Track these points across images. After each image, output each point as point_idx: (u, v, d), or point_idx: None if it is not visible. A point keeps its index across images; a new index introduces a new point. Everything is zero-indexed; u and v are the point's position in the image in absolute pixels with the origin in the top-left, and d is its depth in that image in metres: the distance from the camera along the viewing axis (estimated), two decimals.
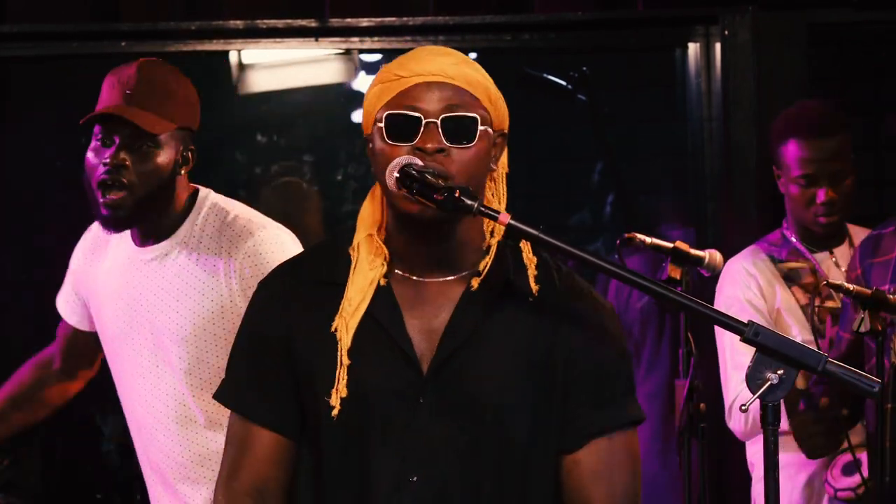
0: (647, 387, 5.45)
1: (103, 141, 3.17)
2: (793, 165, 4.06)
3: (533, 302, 2.45)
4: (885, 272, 3.47)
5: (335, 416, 2.38)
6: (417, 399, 2.39)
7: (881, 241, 3.56)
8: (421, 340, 2.42)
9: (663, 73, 5.65)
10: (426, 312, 2.43)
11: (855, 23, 4.93)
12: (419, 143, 2.36)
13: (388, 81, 2.41)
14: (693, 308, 2.29)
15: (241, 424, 2.49)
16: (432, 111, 2.37)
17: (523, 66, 5.88)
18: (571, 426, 2.44)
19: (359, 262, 2.44)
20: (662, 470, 5.37)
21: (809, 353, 2.22)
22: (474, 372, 2.40)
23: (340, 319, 2.41)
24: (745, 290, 4.08)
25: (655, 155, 6.35)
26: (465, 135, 2.38)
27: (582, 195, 6.58)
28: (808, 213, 4.07)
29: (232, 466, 2.48)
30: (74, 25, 4.96)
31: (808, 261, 4.11)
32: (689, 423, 3.24)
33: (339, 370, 2.39)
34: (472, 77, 2.42)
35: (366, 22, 4.90)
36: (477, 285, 2.43)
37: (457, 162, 2.36)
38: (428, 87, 2.38)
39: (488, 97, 2.43)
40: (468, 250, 2.45)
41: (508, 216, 2.31)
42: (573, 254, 2.32)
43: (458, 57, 2.44)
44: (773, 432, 2.23)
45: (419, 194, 2.33)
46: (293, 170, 6.36)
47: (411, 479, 2.38)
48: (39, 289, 6.13)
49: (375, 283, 2.43)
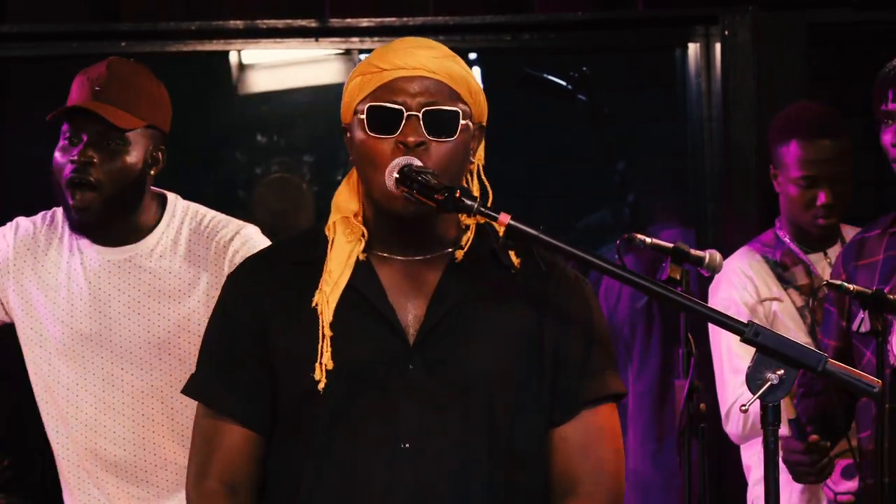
0: (638, 386, 5.45)
1: (71, 139, 3.10)
2: (793, 166, 4.05)
3: (517, 275, 2.47)
4: (871, 275, 3.45)
5: (321, 390, 2.37)
6: (406, 366, 2.39)
7: (865, 245, 3.54)
8: (405, 311, 2.42)
9: (663, 73, 5.65)
10: (409, 285, 2.44)
11: (855, 23, 4.93)
12: (400, 136, 2.38)
13: (369, 73, 2.43)
14: (693, 308, 2.29)
15: (209, 419, 2.47)
16: (414, 104, 2.38)
17: (523, 66, 5.88)
18: (561, 399, 2.46)
19: (336, 238, 2.45)
20: (655, 470, 5.37)
21: (809, 353, 2.22)
22: (462, 339, 2.41)
23: (321, 293, 2.41)
24: (742, 291, 4.07)
25: (655, 155, 6.35)
26: (445, 129, 2.40)
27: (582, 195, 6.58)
28: (807, 214, 4.06)
29: (202, 463, 2.47)
30: (74, 25, 4.96)
31: (803, 262, 4.11)
32: (690, 423, 3.24)
33: (321, 343, 2.38)
34: (453, 70, 2.43)
35: (366, 22, 4.90)
36: (461, 257, 2.45)
37: (435, 155, 2.38)
38: (409, 80, 2.40)
39: (469, 90, 2.44)
40: (448, 230, 2.47)
41: (508, 216, 2.32)
42: (573, 254, 2.32)
43: (439, 50, 2.45)
44: (774, 433, 2.23)
45: (419, 194, 2.34)
46: (290, 167, 6.36)
47: (403, 445, 2.38)
48: None
49: (354, 258, 2.43)
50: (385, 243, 2.46)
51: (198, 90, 6.34)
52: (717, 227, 4.93)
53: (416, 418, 2.38)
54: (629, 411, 5.47)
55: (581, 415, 2.46)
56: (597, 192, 6.48)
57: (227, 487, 2.45)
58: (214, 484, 2.45)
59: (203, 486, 2.46)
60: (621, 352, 5.48)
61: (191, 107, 6.42)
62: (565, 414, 2.46)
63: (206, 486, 2.46)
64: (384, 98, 2.40)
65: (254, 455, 2.47)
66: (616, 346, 5.54)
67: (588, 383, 2.47)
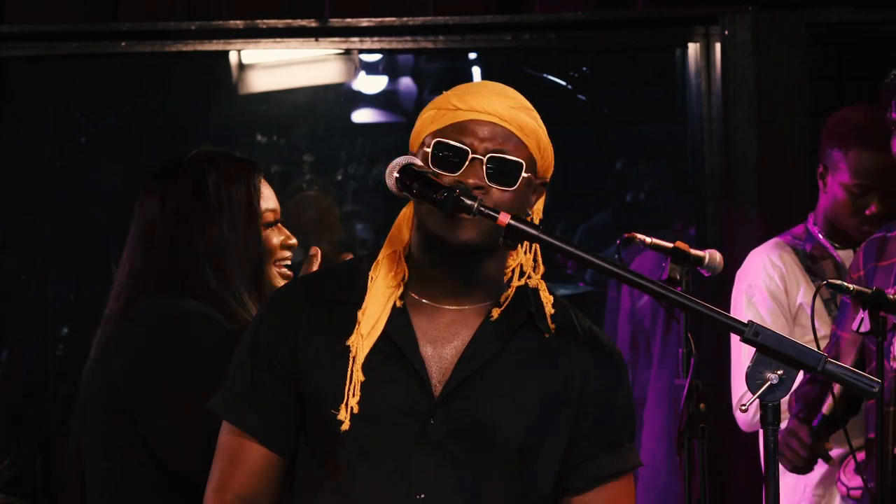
0: (657, 384, 5.43)
1: None
2: (849, 173, 4.01)
3: (550, 340, 2.48)
4: (888, 276, 3.45)
5: (344, 431, 2.39)
6: (428, 420, 2.40)
7: (887, 245, 3.54)
8: (434, 363, 2.43)
9: (663, 73, 5.65)
10: (441, 337, 2.45)
11: (855, 23, 4.93)
12: (461, 176, 2.39)
13: (444, 109, 2.44)
14: (693, 308, 2.29)
15: (233, 436, 2.49)
16: (480, 149, 2.40)
17: (523, 66, 5.89)
18: (582, 468, 2.47)
19: (377, 280, 2.46)
20: (670, 469, 5.35)
21: (809, 353, 2.22)
22: (487, 399, 2.42)
23: (357, 335, 2.42)
24: (769, 280, 4.07)
25: (655, 155, 6.35)
26: (507, 177, 2.40)
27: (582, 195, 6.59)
28: (854, 220, 4.04)
29: (221, 478, 2.48)
30: (74, 25, 4.96)
31: (832, 256, 4.10)
32: (690, 423, 3.24)
33: (350, 385, 2.40)
34: (525, 123, 2.44)
35: (366, 22, 4.90)
36: (497, 315, 2.45)
37: (493, 201, 2.38)
38: (481, 124, 2.41)
39: (538, 145, 2.46)
40: (488, 283, 2.47)
41: (508, 216, 2.32)
42: (573, 254, 2.32)
43: (516, 101, 2.46)
44: (774, 432, 2.23)
45: (419, 194, 2.34)
46: (290, 167, 6.36)
47: (418, 496, 2.39)
48: (39, 287, 6.16)
49: (392, 302, 2.44)
50: (424, 287, 2.46)
51: (198, 90, 6.34)
52: (717, 227, 4.93)
53: (432, 471, 2.40)
54: (647, 407, 5.46)
55: (604, 487, 2.48)
56: (597, 192, 6.49)
57: (244, 503, 2.47)
58: (233, 499, 2.47)
59: (221, 499, 2.47)
60: (642, 346, 5.48)
61: (191, 107, 6.44)
62: (585, 483, 2.48)
63: (224, 498, 2.47)
64: (453, 136, 2.41)
65: (273, 475, 2.48)
66: (637, 340, 5.55)
67: (613, 457, 2.49)
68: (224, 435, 2.50)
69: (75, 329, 6.27)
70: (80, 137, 6.47)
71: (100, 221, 6.50)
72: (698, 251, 3.44)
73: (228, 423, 2.50)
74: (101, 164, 6.34)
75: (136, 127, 6.46)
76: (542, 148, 2.47)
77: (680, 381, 3.30)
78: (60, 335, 6.10)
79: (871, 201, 4.01)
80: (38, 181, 6.06)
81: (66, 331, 6.25)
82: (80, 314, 6.30)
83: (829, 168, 4.07)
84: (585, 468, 2.47)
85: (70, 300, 6.36)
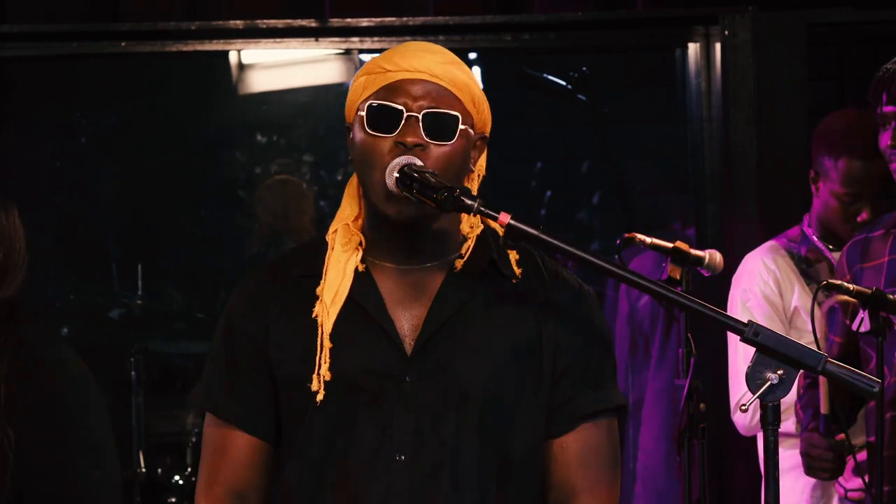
0: (655, 383, 5.43)
1: None
2: (840, 181, 4.00)
3: (517, 286, 2.47)
4: (877, 276, 3.44)
5: (319, 401, 2.39)
6: (403, 378, 2.40)
7: (870, 245, 3.52)
8: (403, 321, 2.43)
9: (663, 73, 5.65)
10: (407, 295, 2.44)
11: (855, 23, 4.93)
12: (399, 136, 2.38)
13: (373, 73, 2.44)
14: (693, 308, 2.29)
15: (216, 427, 2.49)
16: (415, 106, 2.39)
17: (523, 66, 5.89)
18: (561, 410, 2.45)
19: (334, 248, 2.46)
20: (668, 470, 5.34)
21: (809, 353, 2.22)
22: (460, 350, 2.41)
23: (321, 304, 2.42)
24: (763, 284, 4.07)
25: (655, 155, 6.35)
26: (444, 132, 2.40)
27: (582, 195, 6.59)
28: (846, 226, 4.03)
29: (210, 471, 2.48)
30: (74, 25, 4.96)
31: (827, 259, 4.10)
32: (690, 423, 3.24)
33: (320, 354, 2.40)
34: (457, 77, 2.43)
35: (366, 22, 4.90)
36: (460, 266, 2.45)
37: (433, 158, 2.38)
38: (412, 82, 2.41)
39: (472, 99, 2.45)
40: (447, 239, 2.47)
41: (508, 216, 2.31)
42: (573, 254, 2.32)
43: (445, 56, 2.45)
44: (773, 432, 2.22)
45: (419, 194, 2.34)
46: (290, 168, 6.37)
47: (398, 458, 2.39)
48: (38, 288, 6.15)
49: (353, 267, 2.44)
50: (383, 251, 2.46)
51: (198, 90, 6.35)
52: (717, 227, 4.93)
53: (411, 430, 2.39)
54: (645, 408, 5.46)
55: (582, 426, 2.46)
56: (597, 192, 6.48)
57: (235, 495, 2.47)
58: (223, 491, 2.47)
59: (212, 493, 2.48)
60: (640, 346, 5.47)
61: (191, 107, 6.45)
62: (566, 425, 2.46)
63: (214, 493, 2.47)
64: (386, 98, 2.40)
65: (260, 463, 2.48)
66: (636, 342, 5.55)
67: (590, 395, 2.46)
68: (208, 427, 2.51)
69: (75, 329, 6.27)
70: (80, 137, 6.48)
71: (100, 221, 6.51)
72: (698, 251, 3.43)
73: (211, 416, 2.50)
74: (101, 164, 6.34)
75: (136, 127, 6.47)
76: (477, 102, 2.45)
77: (680, 382, 3.30)
78: (60, 335, 6.10)
79: (863, 208, 4.00)
80: (38, 181, 6.06)
81: (66, 331, 6.25)
82: (80, 314, 6.31)
83: (821, 175, 4.07)
84: (565, 409, 2.45)
85: (70, 300, 6.36)
